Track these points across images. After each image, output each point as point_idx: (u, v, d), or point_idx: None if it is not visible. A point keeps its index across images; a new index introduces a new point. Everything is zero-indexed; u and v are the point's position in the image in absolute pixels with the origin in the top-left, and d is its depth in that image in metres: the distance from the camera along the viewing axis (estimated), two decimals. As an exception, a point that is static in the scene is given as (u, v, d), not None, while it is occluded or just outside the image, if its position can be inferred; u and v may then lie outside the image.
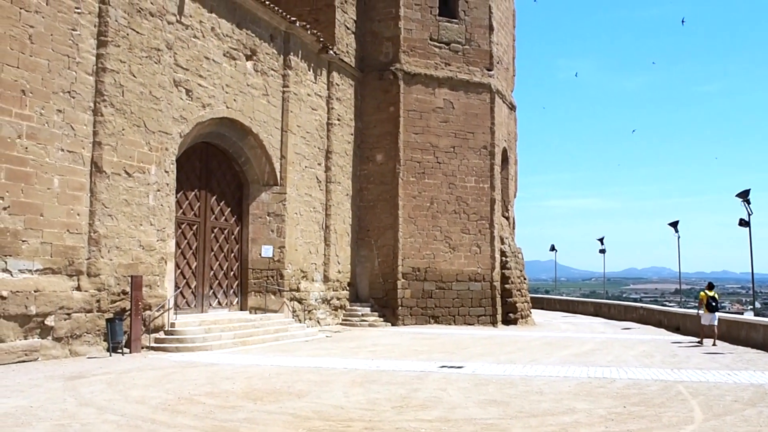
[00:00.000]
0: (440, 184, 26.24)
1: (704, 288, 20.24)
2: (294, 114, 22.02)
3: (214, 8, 18.78)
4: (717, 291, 20.69)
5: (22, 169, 13.23)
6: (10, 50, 13.03)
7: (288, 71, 21.81)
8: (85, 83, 14.67)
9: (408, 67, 26.07)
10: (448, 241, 26.13)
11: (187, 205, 19.31)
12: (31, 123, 13.40)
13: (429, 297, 25.67)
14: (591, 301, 40.99)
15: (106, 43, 15.06)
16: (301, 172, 22.55)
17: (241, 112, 19.79)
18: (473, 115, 26.93)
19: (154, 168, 16.43)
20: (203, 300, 19.63)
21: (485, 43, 27.48)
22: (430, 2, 26.72)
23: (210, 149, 20.27)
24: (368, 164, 26.27)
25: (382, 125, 26.13)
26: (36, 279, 13.42)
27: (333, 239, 24.30)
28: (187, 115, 17.71)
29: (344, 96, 25.32)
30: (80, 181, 14.51)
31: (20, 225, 13.16)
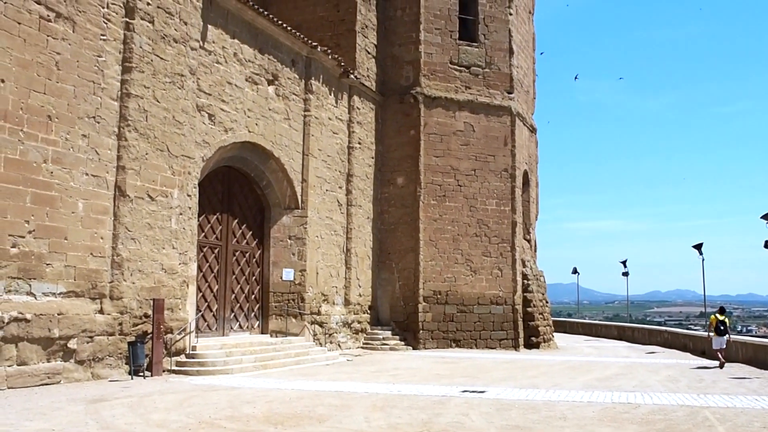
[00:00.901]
0: (461, 206, 26.20)
1: (716, 311, 20.51)
2: (315, 138, 22.15)
3: (236, 34, 19.00)
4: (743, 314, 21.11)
5: (47, 193, 13.39)
6: (37, 77, 13.25)
7: (309, 95, 21.97)
8: (110, 108, 14.87)
9: (428, 90, 26.17)
10: (469, 264, 26.04)
11: (209, 229, 19.43)
12: (57, 148, 13.58)
13: (450, 320, 25.54)
14: (614, 324, 40.58)
15: (131, 69, 15.27)
16: (322, 195, 22.63)
17: (262, 136, 19.94)
18: (494, 138, 26.94)
19: (177, 192, 16.56)
20: (224, 323, 19.67)
21: (505, 67, 27.54)
22: (450, 26, 26.86)
23: (232, 173, 20.42)
24: (389, 187, 26.31)
25: (403, 148, 26.19)
26: (59, 302, 13.53)
27: (354, 262, 24.31)
28: (210, 139, 17.87)
29: (365, 119, 25.45)
30: (104, 205, 14.65)
31: (45, 248, 13.29)
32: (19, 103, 12.89)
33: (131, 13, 15.38)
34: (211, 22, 17.98)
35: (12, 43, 12.79)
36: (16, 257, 12.74)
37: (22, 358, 12.74)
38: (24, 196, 12.93)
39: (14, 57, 12.82)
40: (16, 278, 12.73)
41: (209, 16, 17.91)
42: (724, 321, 19.93)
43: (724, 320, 19.91)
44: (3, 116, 12.57)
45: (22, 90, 12.94)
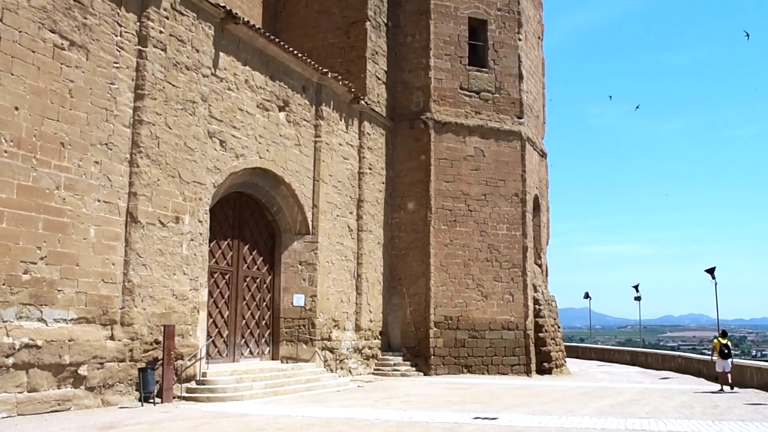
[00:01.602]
0: (472, 231, 26.16)
1: (718, 335, 21.21)
2: (326, 163, 22.22)
3: (248, 61, 19.16)
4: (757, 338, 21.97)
5: (60, 220, 13.46)
6: (51, 104, 13.39)
7: (320, 121, 22.08)
8: (122, 135, 14.98)
9: (438, 116, 26.26)
10: (480, 289, 25.94)
11: (220, 255, 19.45)
12: (69, 174, 13.68)
13: (462, 346, 25.39)
14: (627, 349, 40.24)
15: (143, 96, 15.40)
16: (333, 220, 22.66)
17: (273, 162, 20.02)
18: (504, 163, 26.95)
19: (188, 218, 16.62)
20: (235, 349, 19.63)
21: (515, 92, 27.62)
22: (460, 52, 27.00)
23: (243, 199, 20.49)
24: (400, 212, 26.32)
25: (414, 173, 26.23)
26: (70, 328, 13.54)
27: (365, 288, 24.26)
28: (221, 165, 17.96)
29: (375, 145, 25.53)
30: (116, 231, 14.71)
31: (56, 275, 13.34)
32: (33, 130, 13.01)
33: (144, 41, 15.54)
34: (222, 49, 18.14)
35: (26, 71, 12.94)
36: (28, 283, 12.78)
37: (33, 385, 12.74)
38: (36, 222, 13.00)
39: (28, 85, 12.96)
40: (27, 304, 12.77)
41: (221, 43, 18.07)
42: (727, 344, 20.49)
43: (727, 343, 20.48)
44: (17, 143, 12.69)
45: (35, 117, 13.07)
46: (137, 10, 15.52)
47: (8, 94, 12.59)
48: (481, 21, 27.54)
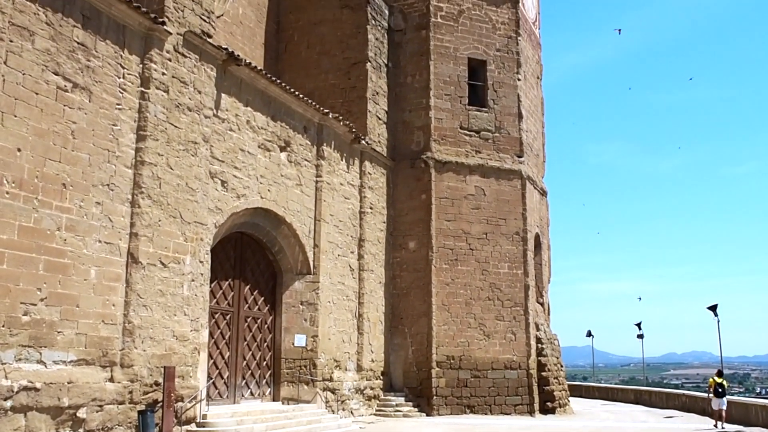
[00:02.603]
0: (473, 270, 26.10)
1: (714, 375, 22.18)
2: (327, 203, 22.25)
3: (249, 102, 19.30)
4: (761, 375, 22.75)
5: (60, 261, 13.43)
6: (53, 145, 13.44)
7: (321, 161, 22.17)
8: (124, 176, 15.02)
9: (439, 155, 26.37)
10: (482, 329, 25.78)
11: (221, 295, 19.38)
12: (71, 215, 13.68)
13: (464, 386, 25.16)
14: (631, 388, 39.88)
15: (145, 137, 15.47)
16: (334, 260, 22.61)
17: (275, 202, 20.05)
18: (505, 202, 26.99)
19: (189, 258, 16.59)
20: (235, 390, 19.45)
21: (515, 131, 27.78)
22: (460, 92, 27.22)
23: (244, 239, 20.47)
24: (401, 252, 26.28)
25: (415, 213, 26.25)
26: (70, 370, 13.42)
27: (366, 327, 24.11)
28: (223, 205, 17.98)
29: (376, 184, 25.59)
30: (116, 272, 14.67)
31: (56, 316, 13.26)
32: (35, 171, 13.05)
33: (146, 82, 15.67)
34: (224, 90, 18.29)
35: (29, 112, 13.03)
36: (27, 325, 12.70)
37: (31, 428, 12.58)
38: (37, 263, 12.97)
39: (31, 126, 13.03)
40: (27, 346, 12.67)
41: (223, 84, 18.22)
42: (722, 383, 21.41)
43: (722, 383, 21.38)
44: (19, 184, 12.72)
45: (38, 158, 13.12)
46: (140, 53, 15.68)
47: (11, 135, 12.65)
48: (481, 61, 27.81)
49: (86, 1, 14.31)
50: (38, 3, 13.29)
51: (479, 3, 28.18)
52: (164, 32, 16.07)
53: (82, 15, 14.24)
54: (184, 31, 16.80)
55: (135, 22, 15.43)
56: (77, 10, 14.15)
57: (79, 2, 14.18)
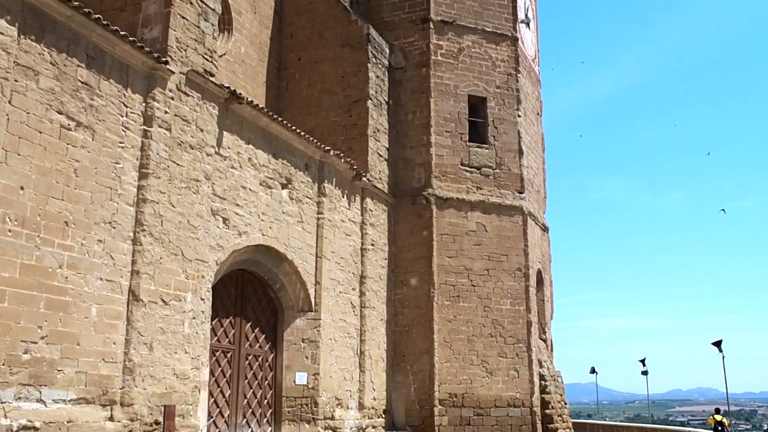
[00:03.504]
0: (475, 307, 26.01)
1: (713, 413, 22.99)
2: (328, 240, 22.26)
3: (251, 140, 19.42)
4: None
5: (62, 299, 13.41)
6: (56, 183, 13.51)
7: (322, 198, 22.23)
8: (126, 214, 15.07)
9: (440, 191, 26.45)
10: (485, 366, 25.62)
11: (222, 333, 19.30)
12: (72, 253, 13.69)
13: (467, 424, 24.91)
14: (636, 425, 39.46)
15: (147, 175, 15.55)
16: (336, 297, 22.56)
17: (276, 240, 20.06)
18: (506, 238, 27.00)
19: (190, 296, 16.56)
20: (236, 429, 19.27)
21: (515, 167, 27.90)
22: (461, 129, 27.39)
23: (245, 276, 20.45)
24: (402, 288, 26.22)
25: (416, 249, 26.25)
26: (69, 409, 13.32)
27: (368, 365, 23.95)
28: (224, 243, 18.00)
29: (378, 221, 25.63)
30: (117, 310, 14.63)
31: (57, 354, 13.20)
32: (38, 209, 13.10)
33: (149, 121, 15.80)
34: (226, 128, 18.42)
35: (33, 151, 13.12)
36: (27, 363, 12.65)
37: (30, 469, 12.45)
38: (38, 301, 12.95)
39: (34, 165, 13.11)
40: (26, 385, 12.60)
41: (225, 122, 18.36)
42: (722, 421, 21.56)
43: (721, 420, 21.56)
44: (21, 222, 12.76)
45: (40, 196, 13.18)
46: (143, 92, 15.83)
47: (14, 174, 12.73)
48: (481, 98, 28.04)
49: (91, 42, 14.50)
50: (43, 43, 13.48)
51: (479, 41, 28.51)
52: (167, 71, 16.25)
53: (86, 55, 14.42)
54: (187, 70, 16.98)
55: (138, 62, 15.62)
56: (82, 51, 14.33)
57: (84, 42, 14.38)
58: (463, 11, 28.55)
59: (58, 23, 13.77)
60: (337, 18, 27.24)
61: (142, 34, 16.63)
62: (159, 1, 16.80)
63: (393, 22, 28.38)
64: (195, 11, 17.53)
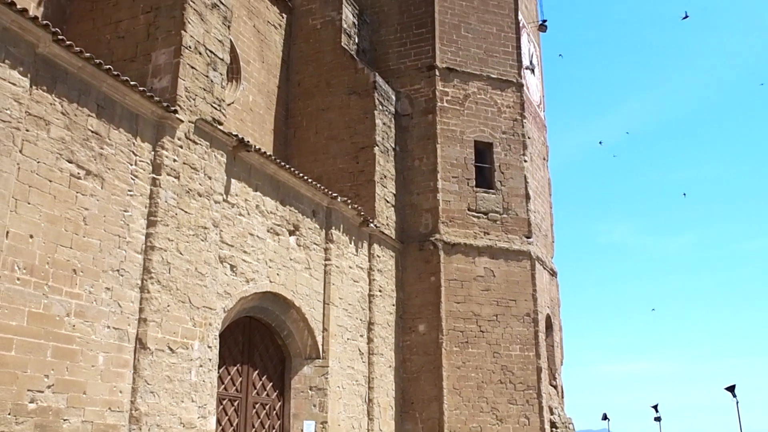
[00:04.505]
0: (484, 353, 25.79)
1: None
2: (336, 287, 22.21)
3: (259, 187, 19.53)
4: None
5: (69, 347, 13.37)
6: (65, 232, 13.58)
7: (330, 245, 22.23)
8: (134, 261, 15.10)
9: (448, 237, 26.44)
10: (494, 413, 25.29)
11: (229, 381, 19.16)
12: (80, 301, 13.70)
13: (477, 473, 24.50)
14: (650, 475, 38.74)
15: (156, 222, 15.62)
16: (344, 344, 22.41)
17: (284, 286, 20.03)
18: (514, 283, 26.88)
19: (198, 343, 16.48)
20: (243, 480, 18.99)
21: (523, 212, 27.92)
22: (467, 174, 27.50)
23: (253, 323, 20.37)
24: (411, 335, 26.05)
25: (424, 295, 26.14)
26: (75, 460, 13.18)
27: (376, 413, 23.68)
28: (231, 290, 17.97)
29: (385, 267, 25.58)
30: (124, 358, 14.57)
31: (63, 403, 13.11)
32: (46, 257, 13.15)
33: (158, 169, 15.92)
34: (234, 176, 18.54)
35: (42, 200, 13.22)
36: (33, 413, 12.56)
37: None
38: (45, 350, 12.91)
39: (44, 213, 13.20)
40: (32, 435, 12.49)
41: (233, 170, 18.49)
42: None
43: None
44: (30, 271, 12.79)
45: (49, 245, 13.24)
46: (152, 140, 16.00)
47: (24, 222, 12.81)
48: (487, 144, 28.21)
49: (101, 92, 14.72)
50: (55, 93, 13.68)
51: (484, 87, 28.79)
52: (176, 120, 16.44)
53: (97, 104, 14.62)
54: (196, 119, 17.17)
55: (148, 111, 15.81)
56: (92, 100, 14.53)
57: (95, 92, 14.59)
58: (468, 58, 28.90)
59: (69, 74, 14.00)
60: (344, 66, 27.60)
61: (152, 84, 16.89)
62: (169, 51, 17.10)
63: (399, 70, 28.75)
64: (204, 61, 17.81)
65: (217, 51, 18.37)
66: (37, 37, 13.09)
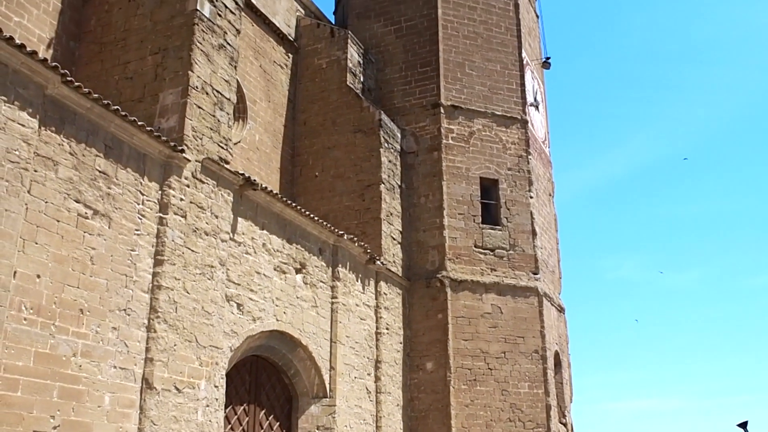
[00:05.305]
0: (493, 391, 25.54)
1: None
2: (343, 325, 22.11)
3: (265, 225, 19.56)
4: None
5: (75, 387, 13.29)
6: (72, 271, 13.59)
7: (336, 282, 22.19)
8: (141, 301, 15.08)
9: (454, 274, 26.37)
10: (504, 452, 24.96)
11: (236, 420, 18.98)
12: (87, 341, 13.65)
13: None
14: None
15: (163, 261, 15.63)
16: (351, 383, 22.24)
17: (290, 325, 19.94)
18: (522, 320, 26.73)
19: (204, 383, 16.37)
20: None
21: (529, 248, 27.87)
22: (473, 211, 27.52)
23: (260, 362, 20.25)
24: (418, 373, 25.84)
25: (431, 333, 25.99)
26: (81, 503, 13.02)
27: (384, 453, 23.40)
28: (238, 329, 17.90)
29: (392, 305, 25.49)
30: (130, 398, 14.47)
31: (69, 445, 13.00)
32: (53, 297, 13.14)
33: (165, 208, 15.98)
34: (241, 214, 18.59)
35: (50, 239, 13.26)
36: (39, 455, 12.44)
37: None
38: (51, 390, 12.84)
39: (51, 253, 13.23)
40: (37, 477, 12.37)
41: (239, 209, 18.54)
42: None
43: None
44: (36, 310, 12.78)
45: (56, 284, 13.24)
46: (159, 179, 16.08)
47: (31, 262, 12.83)
48: (493, 180, 28.28)
49: (109, 132, 14.84)
50: (63, 134, 13.80)
51: (489, 124, 28.95)
52: (183, 159, 16.54)
53: (104, 145, 14.74)
54: (203, 158, 17.28)
55: (155, 151, 15.93)
56: (100, 141, 14.65)
57: (103, 133, 14.71)
58: (472, 96, 29.12)
59: (78, 115, 14.14)
60: (350, 105, 27.81)
61: (160, 124, 17.04)
62: (176, 92, 17.28)
63: (404, 108, 28.96)
64: (211, 101, 17.98)
65: (224, 91, 18.55)
66: (47, 78, 13.25)
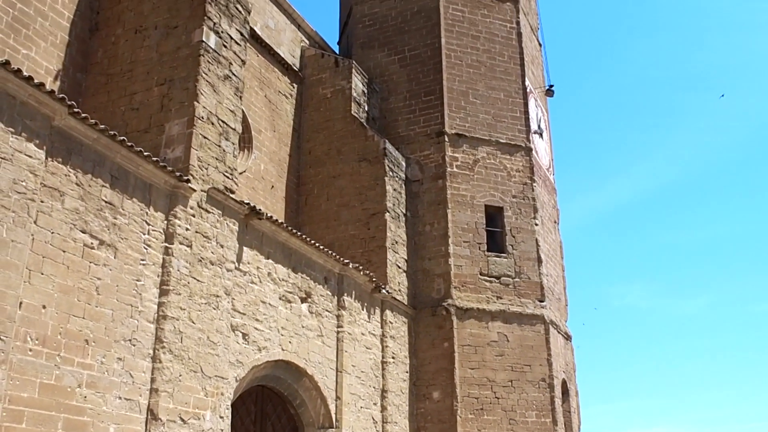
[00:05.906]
0: (500, 420, 25.31)
1: None
2: (348, 354, 22.00)
3: (270, 254, 19.56)
4: None
5: (80, 419, 13.22)
6: (77, 302, 13.59)
7: (342, 311, 22.12)
8: (146, 331, 15.05)
9: (460, 302, 26.28)
10: (512, 483, 24.68)
11: (241, 452, 18.83)
12: (92, 372, 13.61)
13: None
14: None
15: (168, 291, 15.62)
16: (357, 413, 22.07)
17: (296, 354, 19.85)
18: (529, 348, 26.57)
19: (209, 414, 16.27)
20: None
21: (535, 276, 27.78)
22: (479, 239, 27.49)
23: (265, 392, 20.13)
24: (425, 402, 25.65)
25: (437, 361, 25.84)
26: None
27: (391, 484, 23.14)
28: (243, 359, 17.83)
29: (398, 333, 25.37)
30: (135, 430, 14.38)
31: (73, 478, 12.90)
32: (59, 327, 13.13)
33: (170, 238, 16.01)
34: (246, 244, 18.60)
35: (56, 270, 13.27)
36: (43, 488, 12.34)
37: None
38: (56, 422, 12.77)
39: (57, 283, 13.24)
40: None
41: (245, 238, 18.56)
42: None
43: None
44: (42, 341, 12.76)
45: (62, 315, 13.23)
46: (165, 209, 16.13)
47: (37, 293, 12.84)
48: (497, 208, 28.29)
49: (115, 162, 14.92)
50: (70, 165, 13.88)
51: (493, 152, 29.03)
52: (189, 189, 16.60)
53: (110, 175, 14.81)
54: (208, 188, 17.34)
55: (161, 181, 15.99)
56: (106, 171, 14.73)
57: (109, 163, 14.79)
58: (476, 124, 29.24)
59: (84, 145, 14.23)
60: (354, 134, 27.93)
61: (165, 154, 17.13)
62: (182, 122, 17.40)
63: (409, 137, 29.08)
64: (216, 131, 18.08)
65: (229, 121, 18.66)
66: (54, 110, 13.36)
